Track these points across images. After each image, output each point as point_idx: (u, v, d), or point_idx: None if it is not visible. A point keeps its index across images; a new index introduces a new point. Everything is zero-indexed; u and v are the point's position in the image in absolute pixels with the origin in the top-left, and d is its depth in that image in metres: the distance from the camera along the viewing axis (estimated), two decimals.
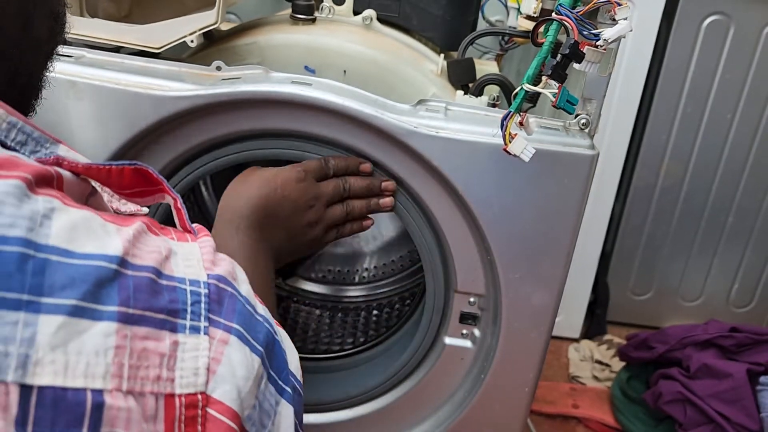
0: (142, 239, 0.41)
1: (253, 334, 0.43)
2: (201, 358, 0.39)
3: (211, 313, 0.41)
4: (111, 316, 0.36)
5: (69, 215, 0.38)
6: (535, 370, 0.94)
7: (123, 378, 0.35)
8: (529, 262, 0.87)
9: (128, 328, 0.36)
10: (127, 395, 0.35)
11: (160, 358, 0.37)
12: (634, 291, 1.92)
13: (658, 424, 1.55)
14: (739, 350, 1.52)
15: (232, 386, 0.39)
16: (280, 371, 0.45)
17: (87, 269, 0.36)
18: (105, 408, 0.34)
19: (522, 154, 0.75)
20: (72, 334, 0.34)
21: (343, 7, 1.06)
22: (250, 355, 0.41)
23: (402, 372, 1.01)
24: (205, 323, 0.40)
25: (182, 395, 0.38)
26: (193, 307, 0.40)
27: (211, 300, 0.41)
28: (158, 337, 0.37)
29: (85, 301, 0.35)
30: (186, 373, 0.38)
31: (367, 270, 1.36)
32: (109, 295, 0.36)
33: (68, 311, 0.34)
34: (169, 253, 0.42)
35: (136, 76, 0.82)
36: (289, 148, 0.87)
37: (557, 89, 0.73)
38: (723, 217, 1.80)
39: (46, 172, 0.40)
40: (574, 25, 0.72)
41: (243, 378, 0.40)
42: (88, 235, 0.38)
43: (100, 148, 0.83)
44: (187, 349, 0.38)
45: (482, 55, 1.29)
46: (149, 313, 0.37)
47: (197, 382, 0.38)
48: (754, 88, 1.66)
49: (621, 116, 1.67)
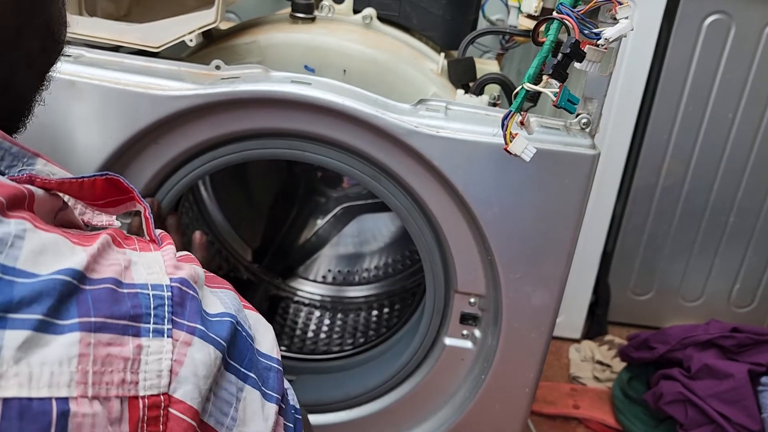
0: (103, 254, 0.42)
1: (214, 331, 0.44)
2: (164, 360, 0.40)
3: (175, 315, 0.42)
4: (72, 328, 0.37)
5: (40, 238, 0.40)
6: (535, 371, 0.94)
7: (88, 384, 0.37)
8: (529, 262, 0.87)
9: (91, 336, 0.38)
10: (92, 401, 0.37)
11: (124, 362, 0.39)
12: (635, 291, 1.92)
13: (658, 425, 1.54)
14: (740, 350, 1.52)
15: (194, 386, 0.41)
16: (242, 358, 0.47)
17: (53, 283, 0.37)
18: (70, 415, 0.36)
19: (523, 153, 0.75)
20: (35, 347, 0.36)
21: (343, 6, 1.06)
22: (214, 352, 0.43)
23: (402, 372, 1.00)
24: (169, 326, 0.41)
25: (146, 397, 0.39)
26: (156, 311, 0.41)
27: (174, 303, 0.42)
28: (122, 343, 0.39)
29: (48, 316, 0.37)
30: (150, 375, 0.39)
31: (367, 270, 1.36)
32: (68, 310, 0.38)
33: (33, 326, 0.36)
34: (128, 263, 0.43)
35: (136, 76, 0.82)
36: (288, 147, 0.87)
37: (558, 88, 0.73)
38: (724, 217, 1.80)
39: (18, 192, 0.42)
40: (575, 24, 0.72)
41: (204, 377, 0.42)
42: (55, 257, 0.39)
43: (99, 147, 0.83)
44: (151, 352, 0.40)
45: (483, 55, 1.29)
46: (111, 320, 0.39)
47: (160, 383, 0.40)
48: (755, 87, 1.65)
49: (622, 116, 1.66)
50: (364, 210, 1.40)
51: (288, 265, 1.38)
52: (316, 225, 1.42)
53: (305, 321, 1.30)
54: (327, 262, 1.39)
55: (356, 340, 1.22)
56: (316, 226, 1.42)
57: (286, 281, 1.37)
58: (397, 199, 0.88)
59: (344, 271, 1.37)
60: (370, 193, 1.28)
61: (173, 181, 0.89)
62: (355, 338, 1.22)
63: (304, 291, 1.35)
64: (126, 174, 0.87)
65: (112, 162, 0.85)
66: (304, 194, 1.43)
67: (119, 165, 0.86)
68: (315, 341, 1.24)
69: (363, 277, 1.35)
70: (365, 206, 1.39)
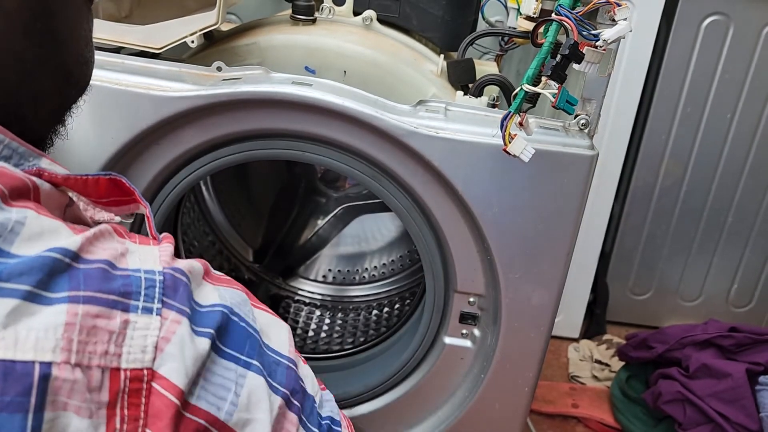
0: (101, 239, 0.44)
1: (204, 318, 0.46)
2: (150, 336, 0.42)
3: (166, 296, 0.43)
4: (62, 300, 0.39)
5: (40, 223, 0.42)
6: (534, 370, 0.95)
7: (72, 351, 0.38)
8: (528, 262, 0.87)
9: (79, 307, 0.39)
10: (74, 368, 0.38)
11: (109, 334, 0.40)
12: (634, 291, 1.92)
13: (657, 424, 1.55)
14: (739, 350, 1.52)
15: (180, 364, 0.42)
16: (241, 346, 0.48)
17: (43, 260, 0.39)
18: (51, 379, 0.37)
19: (522, 154, 0.75)
20: (23, 315, 0.38)
21: (343, 8, 1.06)
22: (198, 339, 0.44)
23: (402, 371, 1.01)
24: (158, 305, 0.43)
25: (128, 369, 0.41)
26: (147, 291, 0.43)
27: (166, 286, 0.44)
28: (109, 316, 0.40)
29: (38, 288, 0.39)
30: (134, 349, 0.41)
31: (367, 270, 1.37)
32: (58, 284, 0.39)
33: (22, 296, 0.38)
34: (125, 251, 0.45)
35: (137, 77, 0.82)
36: (289, 148, 0.88)
37: (557, 90, 0.73)
38: (722, 216, 1.81)
39: (22, 184, 0.43)
40: (574, 26, 0.73)
41: (191, 357, 0.43)
42: (51, 239, 0.41)
43: (101, 148, 0.84)
44: (137, 328, 0.41)
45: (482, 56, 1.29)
46: (101, 294, 0.41)
47: (144, 358, 0.41)
48: (754, 88, 1.66)
49: (620, 116, 1.67)
50: (365, 210, 1.40)
51: (289, 264, 1.38)
52: (316, 225, 1.42)
53: (306, 320, 1.30)
54: (327, 262, 1.40)
55: (356, 339, 1.22)
56: (316, 226, 1.42)
57: (287, 281, 1.37)
58: (397, 200, 0.89)
59: (344, 270, 1.37)
60: (370, 194, 1.29)
61: (175, 181, 0.89)
62: (355, 337, 1.22)
63: (305, 290, 1.35)
64: (128, 174, 0.88)
65: (114, 162, 0.85)
66: (304, 194, 1.43)
67: (121, 165, 0.87)
68: (315, 340, 1.24)
69: (363, 277, 1.36)
70: (365, 206, 1.39)
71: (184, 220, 1.17)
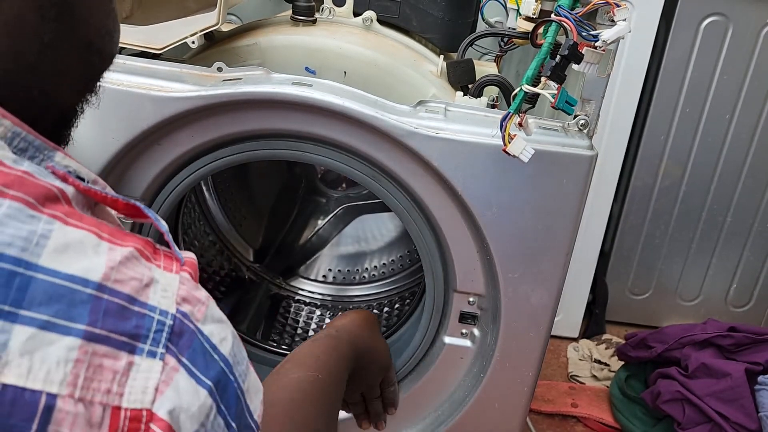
0: (129, 264, 0.45)
1: (201, 370, 0.47)
2: (151, 379, 0.43)
3: (171, 343, 0.45)
4: (78, 333, 0.40)
5: (65, 235, 0.42)
6: (534, 369, 0.95)
7: (77, 387, 0.40)
8: (528, 261, 0.88)
9: (91, 346, 0.41)
10: (77, 402, 0.40)
11: (113, 374, 0.41)
12: (633, 290, 1.93)
13: (656, 423, 1.55)
14: (738, 350, 1.52)
15: (176, 407, 0.44)
16: (230, 407, 0.49)
17: (65, 290, 0.40)
18: (55, 410, 0.39)
19: (521, 154, 0.76)
20: (40, 345, 0.39)
21: (344, 9, 1.06)
22: (196, 386, 0.46)
23: (402, 371, 1.01)
24: (162, 350, 0.44)
25: (128, 409, 0.42)
26: (155, 335, 0.44)
27: (173, 332, 0.45)
28: (116, 357, 0.42)
29: (57, 317, 0.40)
30: (135, 390, 0.42)
31: (367, 270, 1.37)
32: (80, 315, 0.41)
33: (40, 325, 0.39)
34: (150, 281, 0.46)
35: (138, 77, 0.82)
36: (289, 148, 0.88)
37: (556, 90, 0.74)
38: (721, 217, 1.81)
39: (49, 193, 0.44)
40: (573, 27, 0.73)
41: (187, 402, 0.44)
42: (78, 255, 0.42)
43: (102, 148, 0.84)
44: (141, 370, 0.43)
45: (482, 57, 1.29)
46: (114, 335, 0.42)
47: (144, 399, 0.42)
48: (753, 88, 1.66)
49: (620, 117, 1.67)
50: (365, 210, 1.40)
51: (289, 264, 1.39)
52: (316, 225, 1.43)
53: (306, 320, 1.31)
54: (327, 262, 1.40)
55: None
56: (316, 226, 1.42)
57: (287, 281, 1.37)
58: (396, 200, 0.89)
59: (344, 270, 1.38)
60: (370, 194, 1.29)
61: (175, 181, 0.90)
62: None
63: (305, 290, 1.36)
64: (128, 175, 0.88)
65: (115, 163, 0.85)
66: (304, 194, 1.44)
67: (122, 166, 0.87)
68: None
69: (363, 277, 1.36)
70: (365, 206, 1.40)
71: (184, 220, 1.17)
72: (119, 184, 0.88)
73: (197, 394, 0.45)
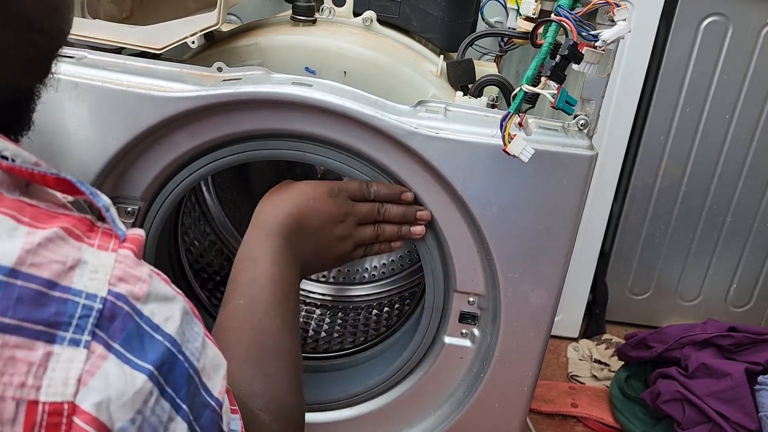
0: (50, 246, 0.41)
1: (138, 354, 0.43)
2: (73, 369, 0.40)
3: (98, 328, 0.41)
4: None
5: None
6: (534, 369, 0.95)
7: None
8: (528, 261, 0.88)
9: (0, 337, 0.38)
10: None
11: (28, 366, 0.39)
12: (633, 290, 1.93)
13: (656, 423, 1.55)
14: (738, 350, 1.52)
15: (103, 398, 0.41)
16: (179, 388, 0.46)
17: None
18: None
19: (521, 154, 0.76)
20: None
21: (344, 9, 1.06)
22: (130, 372, 0.42)
23: (402, 371, 1.01)
24: (88, 337, 0.41)
25: (46, 403, 0.39)
26: (80, 321, 0.41)
27: (102, 316, 0.42)
28: (31, 347, 0.39)
29: None
30: (55, 382, 0.39)
31: (367, 270, 1.37)
32: None
33: None
34: (76, 263, 0.42)
35: (138, 77, 0.82)
36: (289, 148, 0.88)
37: (556, 90, 0.74)
38: (721, 217, 1.81)
39: None
40: (573, 26, 0.73)
41: (117, 392, 0.41)
42: None
43: (102, 148, 0.84)
44: (61, 360, 0.40)
45: (481, 57, 1.29)
46: (27, 324, 0.39)
47: (65, 392, 0.40)
48: (753, 88, 1.66)
49: (620, 117, 1.67)
50: None
51: None
52: None
53: (306, 320, 1.30)
54: None
55: (356, 338, 1.22)
56: None
57: None
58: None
59: (344, 270, 1.38)
60: None
61: (175, 181, 0.90)
62: (355, 337, 1.23)
63: (305, 290, 1.36)
64: (128, 175, 0.88)
65: (115, 163, 0.85)
66: None
67: (122, 166, 0.87)
68: (315, 340, 1.24)
69: (363, 277, 1.36)
70: None
71: (184, 221, 1.17)
72: (119, 184, 0.88)
73: (132, 381, 0.42)
